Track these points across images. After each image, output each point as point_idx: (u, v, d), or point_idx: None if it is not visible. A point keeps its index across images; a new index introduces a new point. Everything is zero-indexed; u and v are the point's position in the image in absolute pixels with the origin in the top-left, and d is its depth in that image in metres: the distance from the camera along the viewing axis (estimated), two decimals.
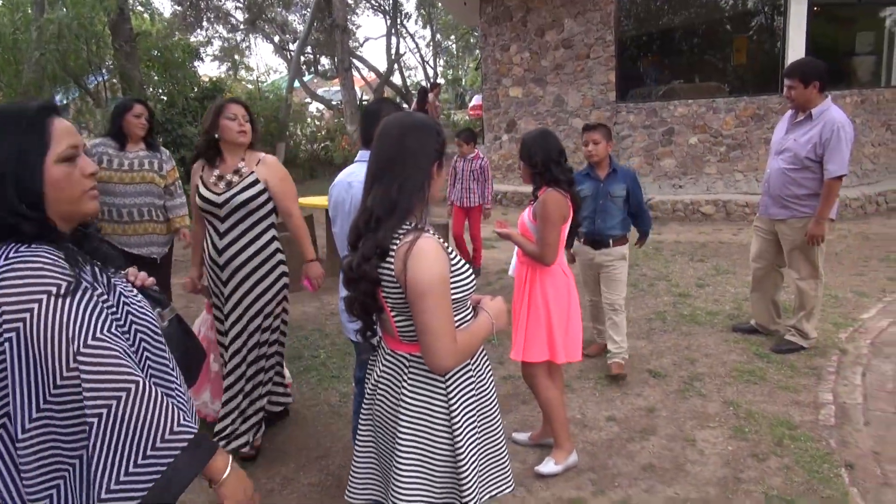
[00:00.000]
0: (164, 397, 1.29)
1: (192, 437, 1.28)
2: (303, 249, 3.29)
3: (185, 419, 1.29)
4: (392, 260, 1.60)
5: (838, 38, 10.00)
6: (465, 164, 6.56)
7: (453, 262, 1.66)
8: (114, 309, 1.34)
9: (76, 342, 1.20)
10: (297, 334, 5.12)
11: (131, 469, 1.23)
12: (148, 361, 1.40)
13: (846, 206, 8.46)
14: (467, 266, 1.73)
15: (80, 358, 1.20)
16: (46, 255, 1.23)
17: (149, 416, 1.24)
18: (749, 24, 9.93)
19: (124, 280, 1.49)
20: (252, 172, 3.09)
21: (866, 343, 4.40)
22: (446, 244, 1.68)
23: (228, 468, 1.34)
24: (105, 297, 1.31)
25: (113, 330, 1.27)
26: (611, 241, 4.02)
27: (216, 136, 3.07)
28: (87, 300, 1.25)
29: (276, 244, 3.22)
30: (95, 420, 1.21)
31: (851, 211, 8.53)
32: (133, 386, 1.23)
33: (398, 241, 1.61)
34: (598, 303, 4.31)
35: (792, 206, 4.18)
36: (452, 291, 1.63)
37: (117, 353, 1.24)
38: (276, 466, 3.28)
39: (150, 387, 1.26)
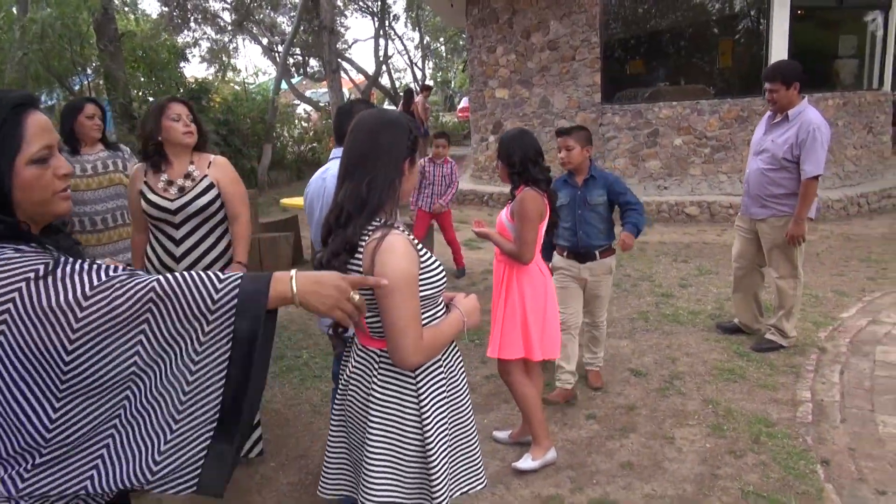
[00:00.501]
0: (185, 274, 1.26)
1: (237, 288, 1.25)
2: (236, 250, 3.10)
3: (218, 279, 1.26)
4: (361, 256, 1.61)
5: (821, 42, 10.10)
6: (435, 169, 6.45)
7: (423, 259, 1.66)
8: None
9: (77, 296, 1.17)
10: (281, 335, 5.11)
11: (198, 357, 1.24)
12: None
13: (829, 207, 8.54)
14: (439, 263, 1.74)
15: (85, 306, 1.16)
16: (12, 250, 1.20)
17: (185, 304, 1.23)
18: (733, 27, 10.01)
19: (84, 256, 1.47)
20: (205, 176, 2.95)
21: (845, 342, 4.45)
22: (416, 242, 1.68)
23: (293, 283, 1.30)
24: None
25: (108, 269, 1.24)
26: (597, 254, 3.71)
27: (159, 138, 2.89)
28: (72, 265, 1.21)
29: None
30: (143, 337, 1.20)
31: (834, 212, 8.61)
32: (152, 292, 1.21)
33: (367, 237, 1.61)
34: (570, 328, 3.75)
35: (771, 205, 4.23)
36: (422, 289, 1.64)
37: (119, 280, 1.21)
38: (255, 465, 3.27)
39: (166, 280, 1.24)
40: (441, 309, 1.77)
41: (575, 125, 3.78)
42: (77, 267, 1.21)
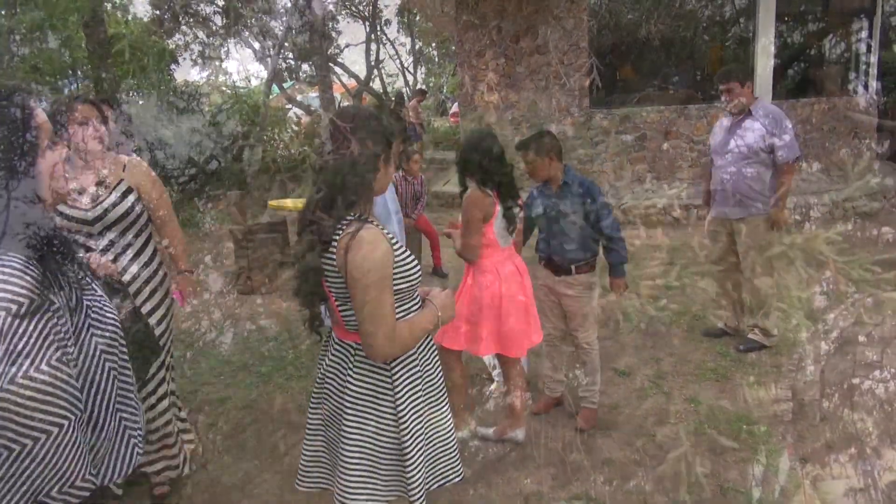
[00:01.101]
0: (77, 448, 1.25)
1: (87, 494, 1.26)
2: (177, 259, 2.98)
3: (88, 475, 1.27)
4: (335, 250, 1.62)
5: (807, 47, 10.20)
6: (406, 187, 6.10)
7: (398, 253, 1.68)
8: (69, 328, 1.28)
9: (14, 371, 1.16)
10: (268, 335, 5.11)
11: None
12: (112, 372, 1.38)
13: (815, 210, 8.62)
14: (413, 258, 1.75)
15: (11, 388, 1.15)
16: (19, 264, 1.19)
17: (58, 465, 1.22)
18: (721, 33, 10.11)
19: (86, 271, 1.47)
20: (121, 181, 2.72)
21: (827, 342, 4.49)
22: (391, 236, 1.70)
23: None
24: (65, 319, 1.26)
25: (54, 362, 1.22)
26: (573, 268, 3.43)
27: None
28: (43, 327, 1.20)
29: (159, 256, 2.92)
30: (5, 452, 1.17)
31: (819, 215, 8.69)
32: (57, 429, 1.21)
33: (341, 232, 1.63)
34: (554, 339, 3.68)
35: (749, 202, 4.28)
36: (397, 282, 1.65)
37: (50, 392, 1.20)
38: (239, 464, 3.28)
39: (67, 434, 1.22)
40: (416, 303, 1.78)
41: (534, 134, 3.42)
42: (47, 328, 1.21)
